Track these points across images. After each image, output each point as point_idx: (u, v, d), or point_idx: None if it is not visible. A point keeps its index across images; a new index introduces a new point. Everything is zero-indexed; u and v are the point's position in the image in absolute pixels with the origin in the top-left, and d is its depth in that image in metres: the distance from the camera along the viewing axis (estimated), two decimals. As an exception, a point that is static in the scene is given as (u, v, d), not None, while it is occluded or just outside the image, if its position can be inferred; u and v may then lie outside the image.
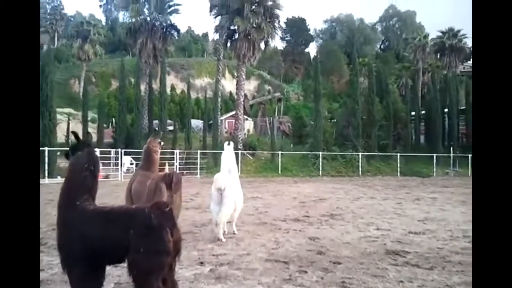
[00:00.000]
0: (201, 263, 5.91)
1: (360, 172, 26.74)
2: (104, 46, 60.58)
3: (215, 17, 29.50)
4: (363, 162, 27.39)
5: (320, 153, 26.59)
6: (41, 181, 17.17)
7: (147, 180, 6.40)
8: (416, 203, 13.49)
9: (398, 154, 27.86)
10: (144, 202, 6.35)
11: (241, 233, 7.96)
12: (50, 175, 17.89)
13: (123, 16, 56.24)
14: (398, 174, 26.96)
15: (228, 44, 30.10)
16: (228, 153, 8.13)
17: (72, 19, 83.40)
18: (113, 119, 34.20)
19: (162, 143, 7.62)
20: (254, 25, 27.47)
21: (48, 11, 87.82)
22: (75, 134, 3.88)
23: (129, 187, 6.93)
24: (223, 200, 7.28)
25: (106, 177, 19.78)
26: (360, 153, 27.31)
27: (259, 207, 11.71)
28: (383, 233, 8.38)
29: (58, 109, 41.58)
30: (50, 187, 16.16)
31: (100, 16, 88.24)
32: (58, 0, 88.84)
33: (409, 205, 12.90)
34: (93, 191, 3.55)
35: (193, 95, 51.32)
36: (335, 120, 31.78)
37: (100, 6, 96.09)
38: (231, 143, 8.50)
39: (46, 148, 17.53)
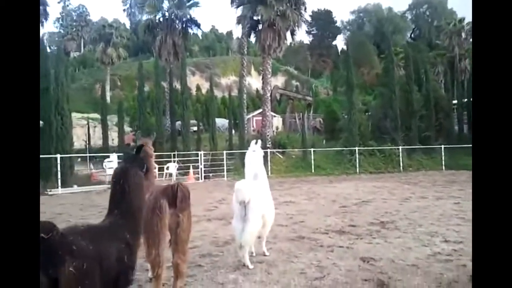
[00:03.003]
0: (219, 308, 4.24)
1: (401, 168, 24.67)
2: (128, 49, 60.19)
3: (237, 7, 27.86)
4: (404, 156, 25.27)
5: (356, 148, 24.62)
6: (54, 191, 15.95)
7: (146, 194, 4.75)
8: (478, 203, 11.49)
9: (442, 146, 25.56)
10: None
11: (273, 254, 6.26)
12: (65, 184, 16.62)
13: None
14: (443, 168, 24.73)
15: (252, 36, 28.46)
16: (253, 154, 6.40)
17: (96, 24, 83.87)
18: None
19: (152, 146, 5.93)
20: (279, 13, 25.66)
21: (74, 18, 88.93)
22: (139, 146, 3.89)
23: None
24: (247, 215, 5.57)
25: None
26: (400, 147, 25.19)
27: (293, 214, 9.98)
28: (455, 247, 6.54)
29: (84, 114, 41.31)
30: (62, 198, 14.91)
31: (125, 20, 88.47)
32: (83, 7, 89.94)
33: (469, 205, 10.83)
34: (123, 207, 3.10)
35: (219, 94, 50.27)
36: (370, 113, 29.65)
37: (124, 10, 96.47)
38: (259, 141, 6.75)
39: (58, 155, 16.32)
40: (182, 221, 4.50)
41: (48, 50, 36.46)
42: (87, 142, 30.50)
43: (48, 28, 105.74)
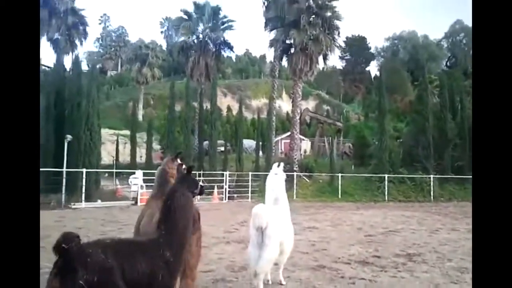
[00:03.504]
0: None
1: (432, 197, 23.85)
2: (163, 70, 61.44)
3: (270, 31, 28.05)
4: (435, 185, 24.42)
5: (386, 175, 24.01)
6: (77, 204, 16.07)
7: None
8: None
9: (476, 177, 24.55)
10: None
11: (290, 283, 5.96)
12: (89, 199, 16.76)
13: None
14: (476, 199, 23.69)
15: (284, 60, 28.51)
16: (274, 177, 6.16)
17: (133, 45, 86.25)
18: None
19: (184, 165, 5.61)
20: (312, 37, 25.72)
21: (114, 38, 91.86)
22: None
23: (137, 224, 5.12)
24: (264, 241, 5.30)
25: (151, 201, 18.49)
26: (431, 176, 24.39)
27: (315, 241, 9.62)
28: (487, 286, 6.04)
29: (116, 131, 42.12)
30: (85, 212, 14.99)
31: (162, 42, 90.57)
32: (123, 28, 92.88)
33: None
34: (168, 226, 3.22)
35: (250, 116, 50.41)
36: (401, 140, 28.96)
37: (162, 32, 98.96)
38: (281, 164, 6.50)
39: (84, 170, 16.52)
40: (190, 246, 4.29)
41: (87, 68, 37.53)
42: (115, 158, 30.96)
43: (88, 47, 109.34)
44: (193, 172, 5.38)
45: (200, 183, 3.88)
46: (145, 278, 2.89)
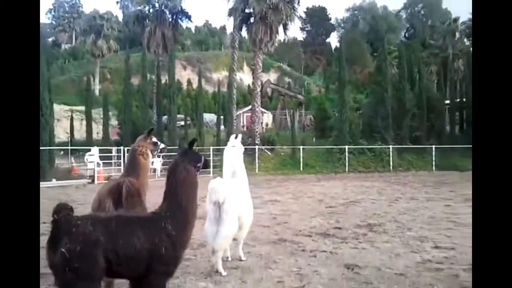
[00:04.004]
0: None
1: (391, 167, 24.34)
2: (120, 42, 59.23)
3: (229, 0, 27.29)
4: (394, 156, 24.91)
5: (346, 147, 24.29)
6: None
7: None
8: (470, 206, 11.05)
9: (433, 147, 25.23)
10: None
11: (251, 259, 5.78)
12: (43, 178, 15.94)
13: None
14: (434, 168, 24.41)
15: (244, 30, 27.85)
16: (232, 150, 5.92)
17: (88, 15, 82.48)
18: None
19: (159, 144, 5.24)
20: (271, 6, 25.12)
21: (67, 9, 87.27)
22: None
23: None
24: (221, 216, 5.09)
25: (108, 178, 17.78)
26: (390, 146, 24.85)
27: (277, 215, 9.51)
28: (447, 254, 6.11)
29: (72, 107, 40.51)
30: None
31: (118, 13, 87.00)
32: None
33: (461, 208, 10.41)
34: (170, 200, 3.30)
35: (211, 89, 49.60)
36: (361, 112, 29.26)
37: (117, 2, 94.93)
38: (239, 136, 6.23)
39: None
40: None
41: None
42: (70, 135, 29.84)
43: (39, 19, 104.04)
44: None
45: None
46: (144, 253, 2.92)
